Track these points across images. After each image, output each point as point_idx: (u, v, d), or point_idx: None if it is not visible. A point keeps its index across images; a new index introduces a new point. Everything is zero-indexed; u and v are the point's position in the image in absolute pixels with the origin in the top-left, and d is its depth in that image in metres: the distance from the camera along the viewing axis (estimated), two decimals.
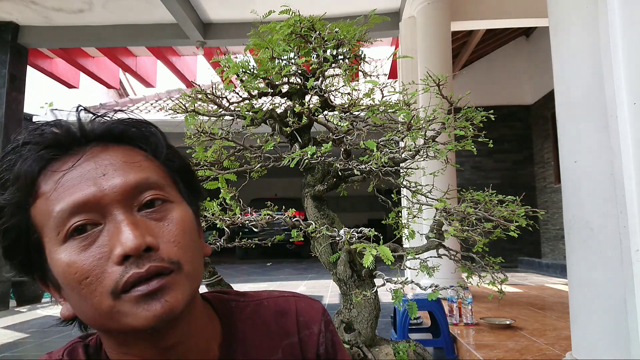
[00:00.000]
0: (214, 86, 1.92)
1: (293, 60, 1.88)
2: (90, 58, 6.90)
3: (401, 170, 1.97)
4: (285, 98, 2.05)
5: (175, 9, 5.01)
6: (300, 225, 1.87)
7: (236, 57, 1.92)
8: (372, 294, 1.80)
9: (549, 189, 7.77)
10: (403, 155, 1.85)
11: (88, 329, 0.54)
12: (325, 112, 1.97)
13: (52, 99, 7.47)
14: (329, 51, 1.90)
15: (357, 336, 1.83)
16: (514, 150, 8.39)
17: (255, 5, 2.58)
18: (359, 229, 1.73)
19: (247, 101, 1.94)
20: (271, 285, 6.42)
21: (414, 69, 4.98)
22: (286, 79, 1.97)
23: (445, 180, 3.09)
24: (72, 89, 7.47)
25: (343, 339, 1.82)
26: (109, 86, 7.69)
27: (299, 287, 6.03)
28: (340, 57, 1.94)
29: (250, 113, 1.88)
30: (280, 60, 1.85)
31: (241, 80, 1.87)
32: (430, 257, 1.88)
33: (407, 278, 1.97)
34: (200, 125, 1.88)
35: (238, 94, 1.97)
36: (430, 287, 1.87)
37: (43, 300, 5.74)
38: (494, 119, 1.88)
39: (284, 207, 1.90)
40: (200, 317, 0.55)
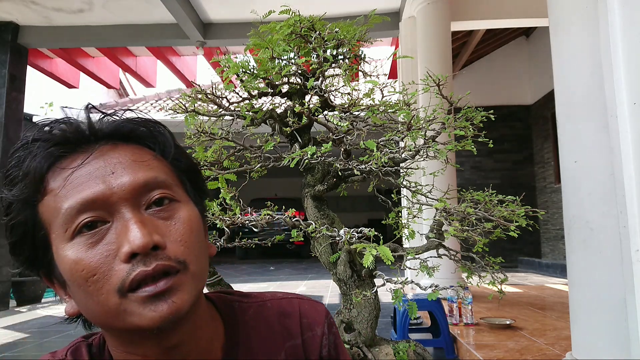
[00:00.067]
0: (214, 86, 1.92)
1: (293, 60, 1.88)
2: (90, 58, 6.90)
3: (401, 170, 1.97)
4: (285, 98, 2.05)
5: (175, 9, 5.01)
6: (300, 225, 1.87)
7: (236, 57, 1.92)
8: (372, 294, 1.80)
9: (549, 189, 7.77)
10: (403, 155, 1.85)
11: (92, 328, 0.54)
12: (325, 112, 1.97)
13: (52, 99, 7.47)
14: (329, 51, 1.90)
15: (357, 336, 1.83)
16: (514, 150, 8.39)
17: (255, 5, 2.58)
18: (359, 229, 1.73)
19: (247, 101, 1.94)
20: (271, 285, 6.42)
21: (414, 69, 4.99)
22: (286, 79, 1.97)
23: (445, 180, 3.09)
24: (72, 89, 7.47)
25: (343, 339, 1.82)
26: (109, 86, 7.69)
27: (299, 287, 6.03)
28: (340, 57, 1.94)
29: (250, 113, 1.88)
30: (280, 60, 1.85)
31: (241, 80, 1.87)
32: (430, 257, 1.88)
33: (407, 278, 1.97)
34: (200, 125, 1.88)
35: (238, 94, 1.97)
36: (430, 287, 1.87)
37: (43, 300, 5.74)
38: (494, 119, 1.88)
39: (284, 207, 1.90)
40: (203, 317, 0.55)
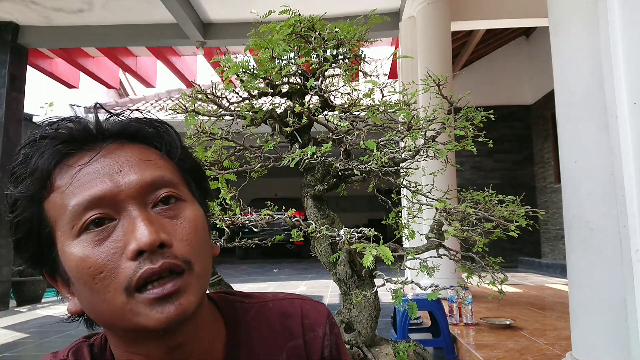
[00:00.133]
0: (214, 86, 1.92)
1: (293, 60, 1.88)
2: (90, 58, 6.90)
3: (401, 170, 1.97)
4: (285, 98, 2.05)
5: (175, 9, 5.01)
6: (300, 225, 1.87)
7: (236, 57, 1.92)
8: (372, 294, 1.80)
9: (549, 189, 7.77)
10: (403, 155, 1.85)
11: (93, 327, 0.54)
12: (325, 112, 1.96)
13: (52, 99, 7.48)
14: (329, 51, 1.90)
15: (357, 336, 1.83)
16: (514, 150, 8.39)
17: (255, 5, 2.58)
18: (359, 229, 1.73)
19: (247, 101, 1.94)
20: (271, 285, 6.42)
21: (414, 69, 4.99)
22: (286, 79, 1.97)
23: (445, 180, 3.09)
24: (72, 89, 7.48)
25: (343, 339, 1.82)
26: (109, 86, 7.69)
27: (299, 287, 6.03)
28: (340, 57, 1.94)
29: (250, 113, 1.88)
30: (280, 60, 1.85)
31: (241, 80, 1.87)
32: (430, 257, 1.88)
33: (407, 278, 1.97)
34: (200, 125, 1.88)
35: (238, 94, 1.97)
36: (430, 287, 1.87)
37: (43, 300, 5.74)
38: (494, 119, 1.88)
39: (284, 207, 1.90)
40: (206, 318, 0.55)
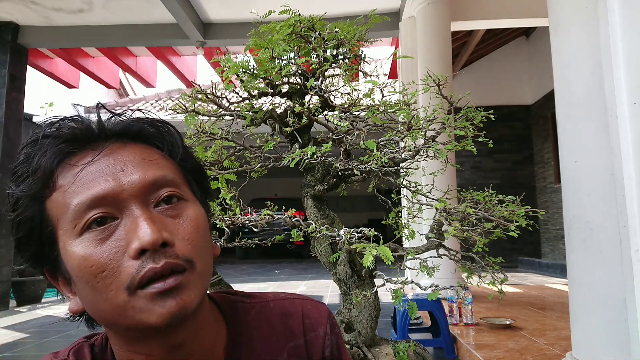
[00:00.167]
0: (214, 86, 1.92)
1: (293, 60, 1.88)
2: (90, 58, 6.90)
3: (401, 170, 1.97)
4: (285, 98, 2.05)
5: (175, 9, 5.01)
6: (300, 225, 1.87)
7: (236, 57, 1.92)
8: (372, 294, 1.80)
9: (549, 189, 7.77)
10: (403, 155, 1.85)
11: (94, 326, 0.54)
12: (325, 112, 1.96)
13: (52, 99, 7.47)
14: (329, 51, 1.90)
15: (357, 336, 1.83)
16: (514, 150, 8.39)
17: (255, 5, 2.58)
18: (359, 229, 1.73)
19: (247, 101, 1.94)
20: (271, 285, 6.42)
21: (414, 69, 4.99)
22: (286, 79, 1.97)
23: (445, 180, 3.09)
24: (72, 89, 7.47)
25: (343, 338, 1.82)
26: (109, 86, 7.69)
27: (299, 287, 6.03)
28: (340, 57, 1.94)
29: (250, 113, 1.88)
30: (280, 60, 1.85)
31: (241, 80, 1.87)
32: (430, 257, 1.88)
33: (407, 278, 1.97)
34: (200, 125, 1.88)
35: (238, 94, 1.97)
36: (430, 287, 1.87)
37: (43, 300, 5.74)
38: (494, 119, 1.88)
39: (284, 207, 1.90)
40: (206, 317, 0.55)
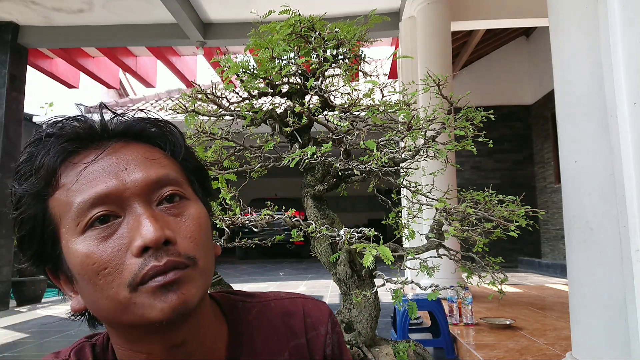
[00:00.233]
0: (214, 86, 1.92)
1: (293, 60, 1.88)
2: (90, 58, 6.90)
3: (401, 170, 1.97)
4: (285, 98, 2.05)
5: (175, 9, 5.01)
6: (300, 225, 1.87)
7: (236, 57, 1.92)
8: (372, 294, 1.80)
9: (549, 189, 7.77)
10: (403, 155, 1.85)
11: (96, 325, 0.54)
12: (325, 112, 1.96)
13: (52, 99, 7.47)
14: (329, 51, 1.90)
15: (357, 336, 1.83)
16: (514, 150, 8.39)
17: (255, 5, 2.58)
18: (359, 229, 1.73)
19: (247, 101, 1.94)
20: (271, 285, 6.42)
21: (414, 69, 4.98)
22: (286, 79, 1.97)
23: (445, 180, 3.09)
24: (72, 89, 7.47)
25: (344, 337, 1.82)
26: (109, 86, 7.69)
27: (299, 287, 6.03)
28: (340, 57, 1.94)
29: (250, 113, 1.88)
30: (280, 60, 1.85)
31: (241, 80, 1.87)
32: (430, 257, 1.88)
33: (407, 278, 1.97)
34: (200, 125, 1.88)
35: (238, 94, 1.97)
36: (430, 287, 1.87)
37: (43, 300, 5.74)
38: (494, 119, 1.88)
39: (284, 207, 1.90)
40: (208, 317, 0.55)
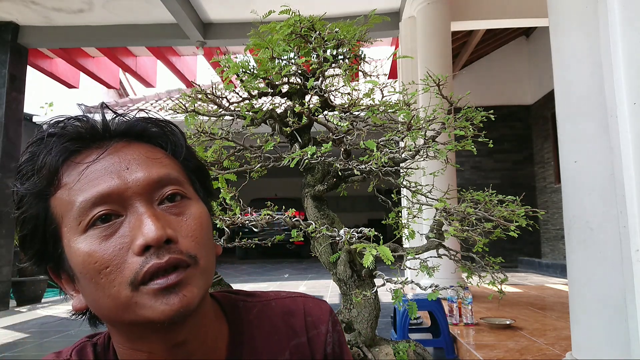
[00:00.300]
0: (214, 86, 1.92)
1: (293, 60, 1.88)
2: (90, 58, 6.89)
3: (401, 170, 1.97)
4: (285, 98, 2.05)
5: (175, 9, 5.01)
6: (300, 225, 1.87)
7: (236, 57, 1.92)
8: (372, 294, 1.80)
9: (549, 189, 7.77)
10: (403, 155, 1.85)
11: (97, 325, 0.54)
12: (325, 112, 1.96)
13: (52, 99, 7.48)
14: (329, 51, 1.90)
15: (357, 336, 1.83)
16: (514, 150, 8.39)
17: (255, 5, 2.58)
18: (359, 229, 1.73)
19: (247, 101, 1.94)
20: (271, 285, 6.42)
21: (414, 69, 4.98)
22: (286, 79, 1.97)
23: (445, 180, 3.09)
24: (72, 89, 7.47)
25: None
26: (109, 86, 7.69)
27: (299, 287, 6.03)
28: (340, 57, 1.94)
29: (250, 113, 1.88)
30: (280, 60, 1.85)
31: (241, 80, 1.87)
32: (430, 257, 1.88)
33: (407, 278, 1.97)
34: (200, 125, 1.88)
35: (238, 94, 1.97)
36: (430, 287, 1.87)
37: (43, 300, 5.74)
38: (494, 119, 1.88)
39: (284, 207, 1.90)
40: (209, 316, 0.55)
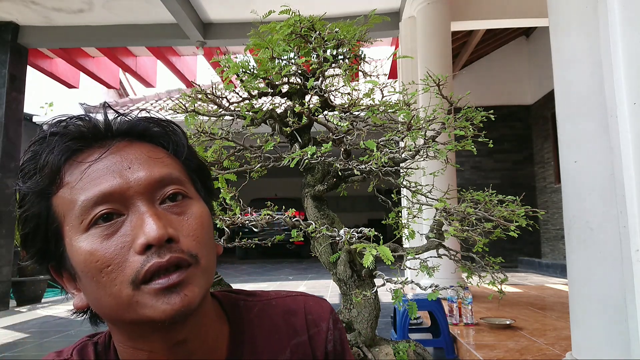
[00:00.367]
0: (214, 86, 1.92)
1: (293, 60, 1.88)
2: (90, 58, 6.89)
3: (401, 170, 1.97)
4: (285, 98, 2.05)
5: (175, 9, 5.01)
6: (300, 225, 1.87)
7: (236, 57, 1.92)
8: (372, 294, 1.80)
9: (549, 189, 7.77)
10: (403, 155, 1.85)
11: (98, 323, 0.54)
12: (325, 112, 1.96)
13: (52, 99, 7.48)
14: (329, 51, 1.90)
15: (357, 336, 1.83)
16: (514, 150, 8.39)
17: (255, 5, 2.58)
18: (359, 229, 1.73)
19: (247, 101, 1.94)
20: (271, 285, 6.42)
21: (414, 69, 4.98)
22: (286, 79, 1.97)
23: (445, 180, 3.09)
24: (72, 89, 7.47)
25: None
26: (109, 86, 7.69)
27: (299, 287, 6.03)
28: (340, 57, 1.94)
29: (250, 113, 1.88)
30: (280, 60, 1.85)
31: (241, 80, 1.87)
32: (430, 257, 1.88)
33: (407, 278, 1.97)
34: (200, 125, 1.88)
35: (238, 94, 1.97)
36: (430, 287, 1.87)
37: (43, 300, 5.74)
38: (494, 119, 1.88)
39: (284, 207, 1.90)
40: (209, 315, 0.56)
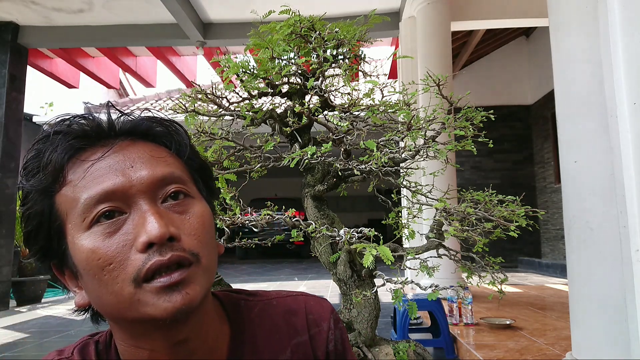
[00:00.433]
0: (214, 86, 1.92)
1: (293, 60, 1.88)
2: (90, 58, 6.89)
3: (401, 170, 1.97)
4: (285, 98, 2.05)
5: (175, 9, 5.01)
6: (300, 225, 1.87)
7: (236, 57, 1.92)
8: (372, 294, 1.80)
9: (549, 189, 7.77)
10: (403, 155, 1.85)
11: (99, 322, 0.55)
12: (325, 112, 1.96)
13: (52, 99, 7.48)
14: (329, 51, 1.90)
15: (357, 336, 1.83)
16: (514, 150, 8.39)
17: (255, 5, 2.58)
18: (359, 229, 1.73)
19: (247, 101, 1.94)
20: (271, 285, 6.42)
21: (414, 69, 4.98)
22: (286, 79, 1.97)
23: (445, 180, 3.09)
24: (72, 89, 7.47)
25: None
26: (109, 86, 7.69)
27: (299, 287, 6.02)
28: (340, 57, 1.94)
29: (250, 113, 1.88)
30: (280, 60, 1.85)
31: (241, 80, 1.87)
32: (430, 257, 1.88)
33: (407, 278, 1.97)
34: (200, 125, 1.88)
35: (238, 94, 1.97)
36: (430, 287, 1.87)
37: (43, 300, 5.74)
38: (494, 119, 1.88)
39: (284, 207, 1.90)
40: (210, 314, 0.56)
